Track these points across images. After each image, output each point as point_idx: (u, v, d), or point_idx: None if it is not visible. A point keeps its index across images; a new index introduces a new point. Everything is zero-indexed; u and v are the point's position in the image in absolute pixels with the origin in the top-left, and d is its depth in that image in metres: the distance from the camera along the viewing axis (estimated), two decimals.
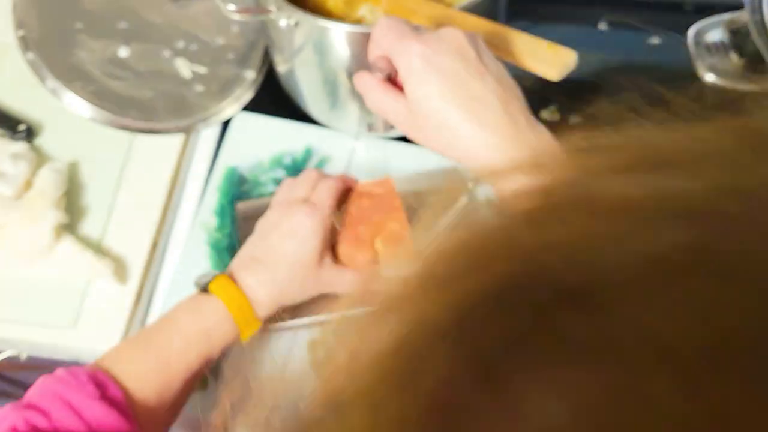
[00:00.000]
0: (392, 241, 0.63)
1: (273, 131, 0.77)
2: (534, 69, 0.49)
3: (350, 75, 0.67)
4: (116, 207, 0.72)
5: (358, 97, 0.71)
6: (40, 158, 0.73)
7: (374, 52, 0.50)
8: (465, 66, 0.45)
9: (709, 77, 0.69)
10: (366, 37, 0.62)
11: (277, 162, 0.75)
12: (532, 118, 0.45)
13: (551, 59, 0.49)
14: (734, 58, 0.68)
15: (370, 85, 0.50)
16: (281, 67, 0.76)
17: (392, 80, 0.50)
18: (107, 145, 0.75)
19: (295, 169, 0.75)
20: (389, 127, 0.58)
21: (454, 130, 0.45)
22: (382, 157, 0.75)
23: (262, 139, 0.76)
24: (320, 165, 0.75)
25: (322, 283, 0.60)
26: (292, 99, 0.78)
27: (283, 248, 0.58)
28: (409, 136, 0.49)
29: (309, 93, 0.75)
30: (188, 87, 0.76)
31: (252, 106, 0.78)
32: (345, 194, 0.65)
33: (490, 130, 0.44)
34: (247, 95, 0.79)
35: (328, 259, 0.60)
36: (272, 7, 0.60)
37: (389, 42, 0.48)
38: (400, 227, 0.64)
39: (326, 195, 0.61)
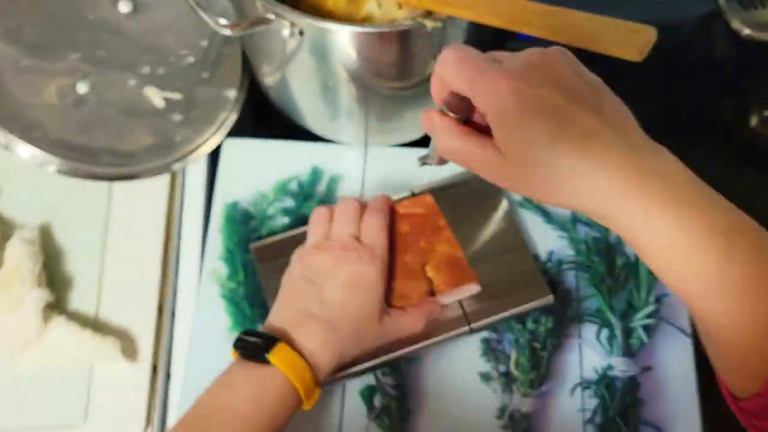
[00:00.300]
0: (444, 266, 0.56)
1: (270, 155, 0.67)
2: (614, 53, 0.42)
3: (356, 80, 0.59)
4: (106, 271, 0.62)
5: (364, 104, 0.63)
6: (5, 227, 0.61)
7: (442, 90, 0.41)
8: (568, 97, 0.36)
9: (746, 32, 0.63)
10: (377, 38, 0.54)
11: (282, 189, 0.66)
12: (648, 140, 0.38)
13: (631, 40, 0.42)
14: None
15: (444, 128, 0.41)
16: (269, 79, 0.66)
17: (468, 119, 0.42)
18: (82, 200, 0.64)
19: (305, 195, 0.65)
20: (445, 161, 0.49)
21: (568, 178, 0.37)
22: (396, 166, 0.67)
23: (259, 166, 0.67)
24: (331, 185, 0.66)
25: (384, 333, 0.52)
26: (284, 114, 0.69)
27: (345, 302, 0.49)
28: (503, 185, 0.41)
29: (307, 105, 0.65)
30: (164, 118, 0.66)
31: (239, 130, 0.69)
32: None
33: (614, 169, 0.36)
34: (232, 118, 0.69)
35: (385, 306, 0.52)
36: (270, 15, 0.51)
37: (465, 79, 0.38)
38: (449, 248, 0.57)
39: (378, 233, 0.53)
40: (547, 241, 0.63)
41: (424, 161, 0.49)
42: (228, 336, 0.60)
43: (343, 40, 0.53)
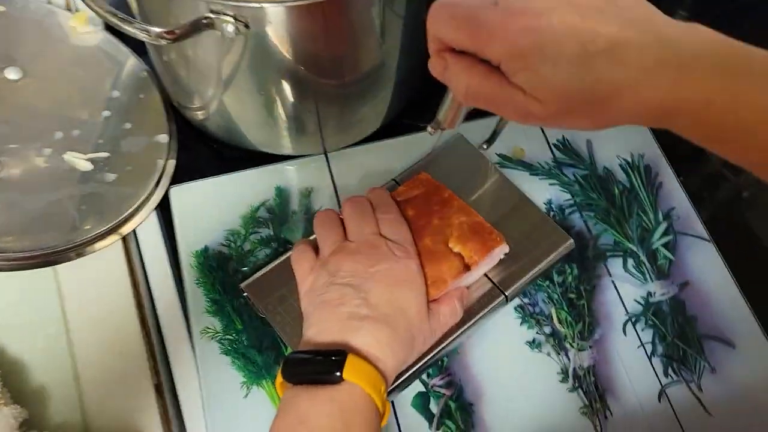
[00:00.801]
0: (469, 235, 0.51)
1: (227, 190, 0.60)
2: None
3: (306, 73, 0.53)
4: (80, 369, 0.52)
5: (315, 104, 0.58)
6: None
7: (441, 53, 0.37)
8: (581, 13, 0.32)
9: None
10: (318, 8, 0.48)
11: (252, 221, 0.59)
12: (679, 23, 0.34)
13: None
14: None
15: (462, 67, 0.35)
16: (202, 108, 0.59)
17: None
18: (25, 301, 0.54)
19: (279, 218, 0.59)
20: (460, 120, 0.45)
21: (611, 94, 0.33)
22: (363, 163, 0.62)
23: (218, 205, 0.60)
24: (303, 200, 0.60)
25: (433, 330, 0.47)
26: (227, 143, 0.62)
27: (394, 300, 0.44)
28: (541, 123, 0.36)
29: (253, 123, 0.59)
30: (95, 181, 0.57)
31: (185, 174, 0.61)
32: None
33: (656, 66, 0.32)
34: (171, 163, 0.61)
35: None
36: (211, 14, 0.45)
37: (466, 32, 0.34)
38: (466, 216, 0.52)
39: (399, 226, 0.49)
40: (539, 191, 0.61)
41: (436, 127, 0.44)
42: (245, 394, 0.52)
43: (294, 20, 0.48)
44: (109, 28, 0.66)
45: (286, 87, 0.55)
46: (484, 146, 0.60)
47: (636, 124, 0.35)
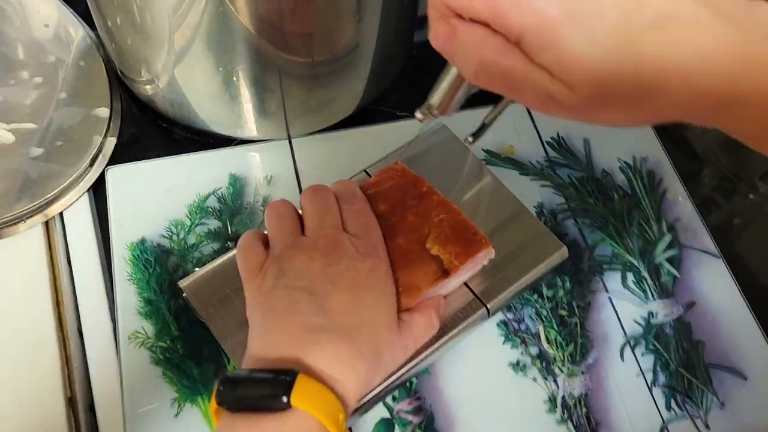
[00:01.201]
0: (450, 235, 0.44)
1: (173, 174, 0.53)
2: None
3: (268, 41, 0.46)
4: None
5: (277, 75, 0.50)
6: None
7: (443, 22, 0.30)
8: None
9: None
10: None
11: (200, 210, 0.51)
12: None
13: None
14: None
15: (477, 39, 0.28)
16: (152, 78, 0.52)
17: None
18: None
19: (230, 210, 0.51)
20: (457, 106, 0.38)
21: (657, 79, 0.26)
22: (331, 152, 0.55)
23: (162, 190, 0.52)
24: (260, 190, 0.52)
25: (404, 345, 0.39)
26: (178, 122, 0.54)
27: (356, 306, 0.36)
28: (563, 114, 0.29)
29: (207, 99, 0.51)
30: (17, 155, 0.49)
31: (126, 153, 0.53)
32: None
33: (717, 46, 0.25)
34: (110, 141, 0.53)
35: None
36: None
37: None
38: (447, 212, 0.44)
39: (367, 219, 0.42)
40: (529, 193, 0.53)
41: (426, 113, 0.38)
42: (176, 413, 0.43)
43: None
44: None
45: (247, 62, 0.47)
46: (470, 139, 0.52)
47: (683, 120, 0.28)
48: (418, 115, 0.39)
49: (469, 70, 0.29)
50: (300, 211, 0.43)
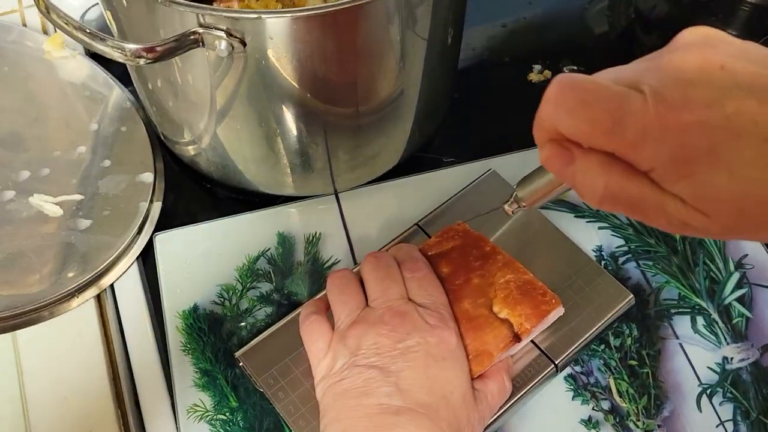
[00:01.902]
0: (518, 297, 0.42)
1: (221, 238, 0.52)
2: None
3: (313, 98, 0.45)
4: None
5: (323, 132, 0.49)
6: None
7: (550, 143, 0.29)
8: (761, 90, 0.24)
9: None
10: (329, 20, 0.40)
11: (251, 273, 0.50)
12: None
13: None
14: None
15: (600, 166, 0.27)
16: (194, 139, 0.51)
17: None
18: None
19: (282, 271, 0.50)
20: (544, 201, 0.38)
21: None
22: (379, 205, 0.54)
23: (210, 255, 0.51)
24: (311, 249, 0.51)
25: (482, 416, 0.38)
26: (223, 183, 0.54)
27: (432, 383, 0.35)
28: (708, 236, 0.28)
29: (251, 159, 0.51)
30: (67, 229, 0.49)
31: (171, 219, 0.53)
32: None
33: None
34: (156, 206, 0.53)
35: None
36: (199, 28, 0.37)
37: (604, 128, 0.26)
38: (513, 273, 0.43)
39: (432, 287, 0.41)
40: (587, 237, 0.52)
41: (514, 206, 0.37)
42: None
43: (300, 34, 0.39)
44: (90, 53, 0.59)
45: (291, 117, 0.46)
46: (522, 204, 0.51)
47: None
48: (506, 208, 0.39)
49: (593, 196, 0.28)
50: (359, 277, 0.42)
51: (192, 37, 0.37)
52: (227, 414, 0.45)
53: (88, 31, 0.37)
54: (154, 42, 0.36)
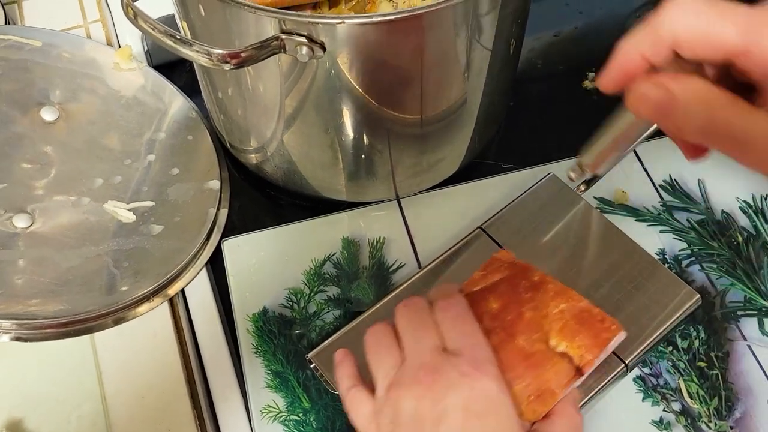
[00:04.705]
0: (576, 328, 0.40)
1: (287, 243, 0.53)
2: None
3: (380, 107, 0.46)
4: None
5: (387, 140, 0.50)
6: None
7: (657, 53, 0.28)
8: None
9: None
10: (413, 24, 0.41)
11: (318, 277, 0.51)
12: None
13: None
14: None
15: (703, 94, 0.26)
16: (261, 146, 0.52)
17: None
18: (59, 365, 0.46)
19: (348, 275, 0.51)
20: (611, 166, 0.38)
21: None
22: (440, 211, 0.54)
23: (277, 260, 0.52)
24: (375, 253, 0.52)
25: None
26: (288, 189, 0.55)
27: None
28: None
29: (316, 164, 0.52)
30: (140, 235, 0.50)
31: (238, 225, 0.54)
32: None
33: None
34: (223, 213, 0.54)
35: (525, 424, 0.37)
36: (282, 34, 0.38)
37: (734, 22, 0.26)
38: (567, 301, 0.41)
39: (467, 328, 0.38)
40: (649, 240, 0.52)
41: (579, 172, 0.38)
42: None
43: (382, 39, 0.40)
44: (155, 65, 0.60)
45: (359, 124, 0.47)
46: (582, 188, 0.52)
47: None
48: (571, 174, 0.38)
49: (695, 128, 0.27)
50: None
51: (274, 42, 0.39)
52: (300, 415, 0.45)
53: (177, 37, 0.38)
54: (238, 48, 0.38)
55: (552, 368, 0.39)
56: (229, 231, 0.53)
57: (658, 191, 0.55)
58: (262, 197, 0.56)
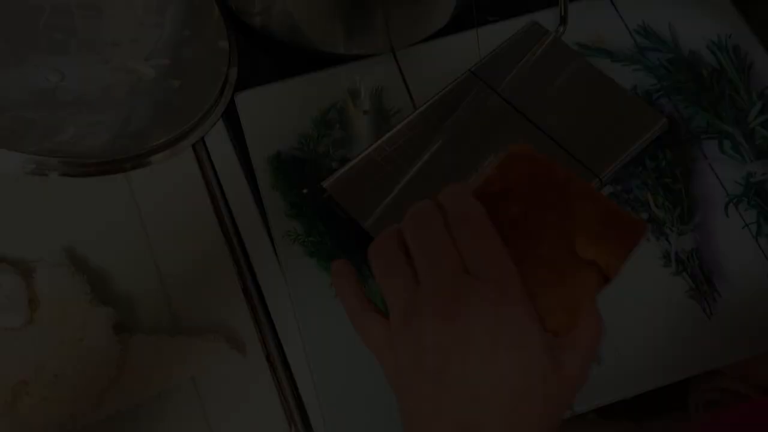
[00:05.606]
0: (604, 231, 0.34)
1: (294, 95, 0.58)
2: None
3: None
4: (165, 275, 0.50)
5: None
6: (22, 265, 0.49)
7: None
8: None
9: None
10: None
11: (322, 124, 0.56)
12: None
13: None
14: None
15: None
16: (265, 7, 0.56)
17: None
18: (102, 201, 0.52)
19: (349, 120, 0.56)
20: None
21: None
22: (435, 60, 0.59)
23: (287, 110, 0.57)
24: (375, 100, 0.57)
25: (570, 387, 0.33)
26: (291, 47, 0.59)
27: (512, 379, 0.31)
28: None
29: (316, 20, 0.56)
30: (161, 87, 0.55)
31: (249, 80, 0.59)
32: None
33: None
34: (233, 70, 0.59)
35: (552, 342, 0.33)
36: None
37: None
38: (593, 202, 0.35)
39: (490, 246, 0.32)
40: (623, 78, 0.57)
41: None
42: (335, 294, 0.50)
43: None
44: None
45: None
46: (560, 29, 0.57)
47: None
48: None
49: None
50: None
51: None
52: (317, 237, 0.52)
53: None
54: None
55: (578, 278, 0.34)
56: (240, 87, 0.58)
57: (632, 35, 0.59)
58: (267, 57, 0.61)
